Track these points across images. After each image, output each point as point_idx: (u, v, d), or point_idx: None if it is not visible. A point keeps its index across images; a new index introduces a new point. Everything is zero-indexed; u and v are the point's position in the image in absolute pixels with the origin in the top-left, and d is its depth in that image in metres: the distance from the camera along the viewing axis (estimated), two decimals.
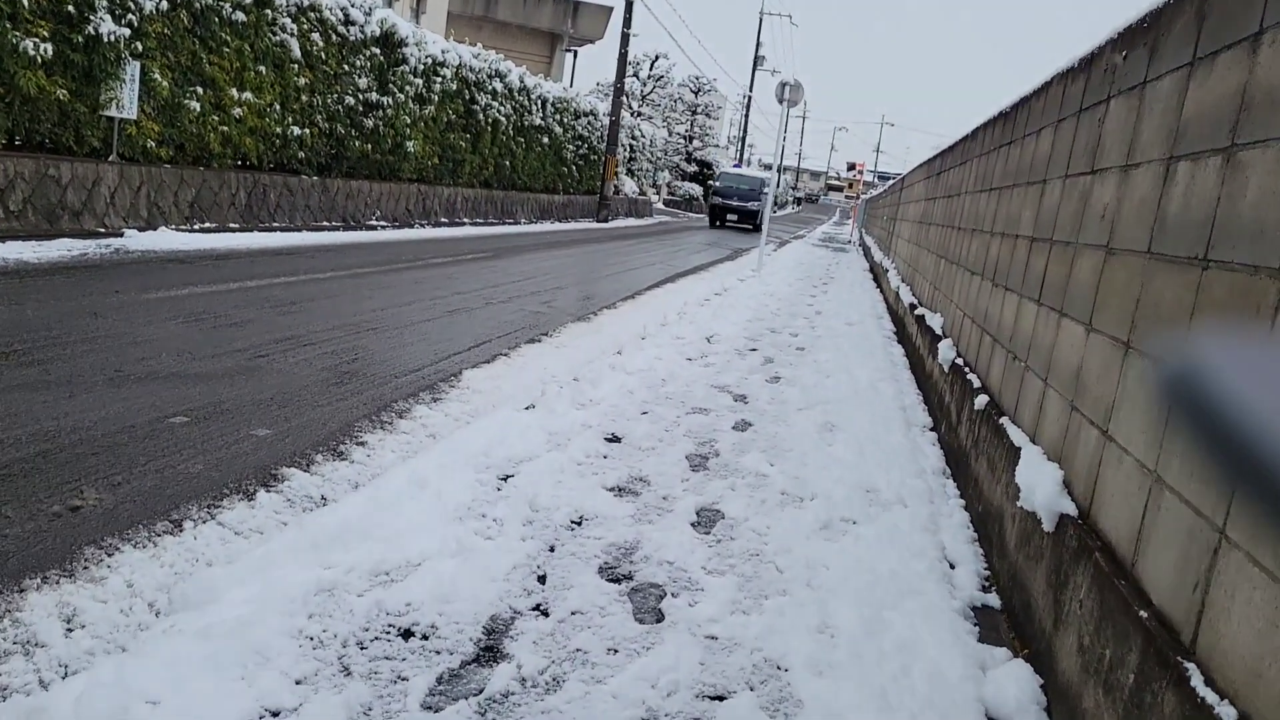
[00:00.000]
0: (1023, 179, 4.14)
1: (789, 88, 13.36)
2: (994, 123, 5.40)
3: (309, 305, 6.86)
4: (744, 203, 30.54)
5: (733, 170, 33.94)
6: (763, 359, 6.77)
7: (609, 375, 5.41)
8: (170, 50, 10.69)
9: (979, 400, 3.90)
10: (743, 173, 33.31)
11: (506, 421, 4.08)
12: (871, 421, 4.99)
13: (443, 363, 5.71)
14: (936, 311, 6.56)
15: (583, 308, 8.82)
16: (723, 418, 4.79)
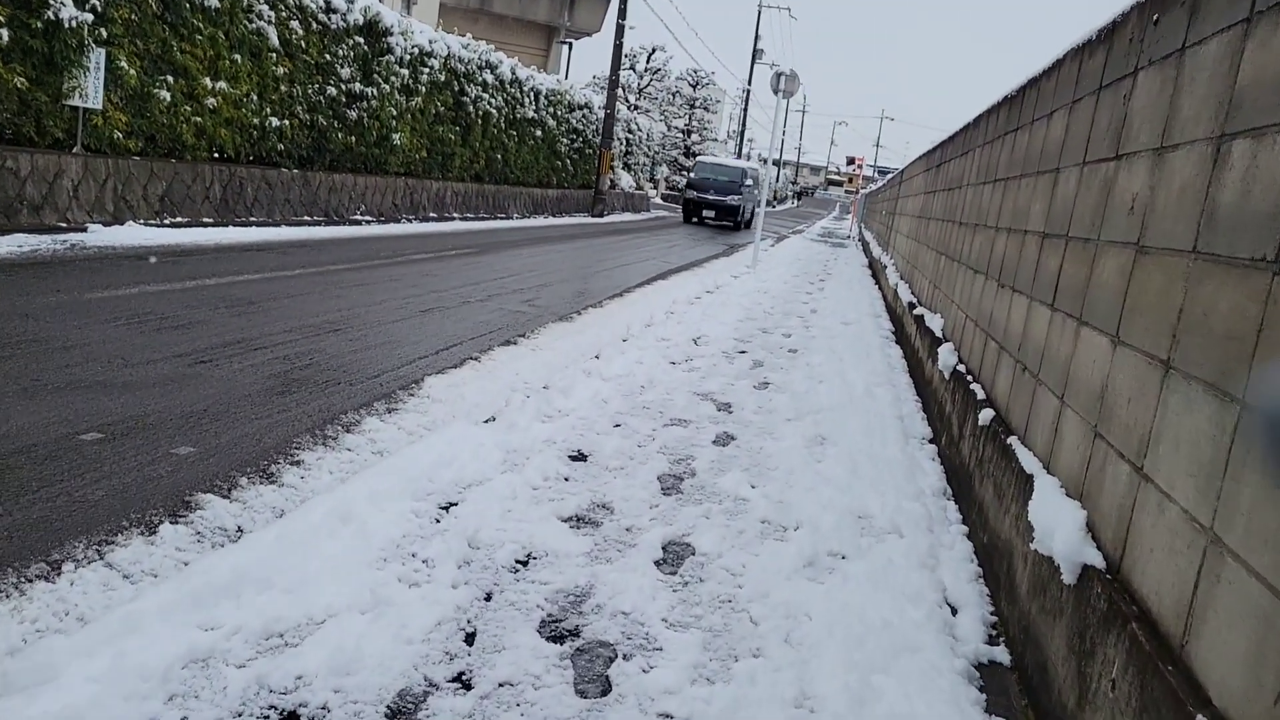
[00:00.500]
0: (1031, 168, 3.74)
1: (785, 78, 12.94)
2: (998, 108, 4.99)
3: (268, 305, 6.46)
4: (722, 197, 26.30)
5: (710, 160, 28.98)
6: (752, 362, 6.36)
7: (583, 382, 5.01)
8: (138, 37, 10.26)
9: (984, 415, 3.49)
10: (722, 162, 28.52)
11: (459, 438, 3.68)
12: (866, 433, 4.59)
13: (405, 368, 5.30)
14: (936, 312, 6.16)
15: (567, 306, 8.42)
16: (703, 430, 4.39)
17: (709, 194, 26.38)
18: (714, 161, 28.57)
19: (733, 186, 26.63)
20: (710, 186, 26.53)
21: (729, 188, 26.55)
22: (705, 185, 26.72)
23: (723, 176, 27.05)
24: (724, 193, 26.31)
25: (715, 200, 26.22)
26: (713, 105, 49.72)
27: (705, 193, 26.45)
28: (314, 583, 2.27)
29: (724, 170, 27.52)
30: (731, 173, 27.43)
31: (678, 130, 46.76)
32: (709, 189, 26.51)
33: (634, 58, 44.09)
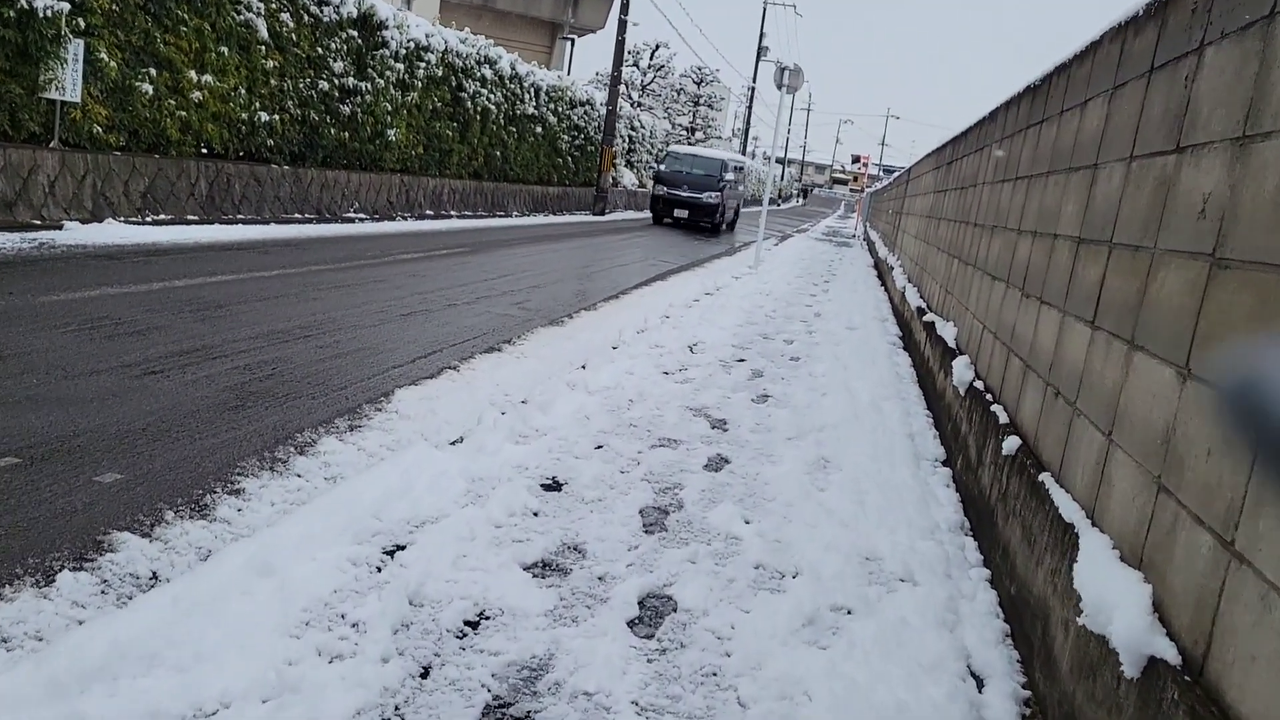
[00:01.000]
0: (1061, 164, 3.33)
1: (788, 73, 12.52)
2: (1019, 100, 4.58)
3: (238, 308, 6.07)
4: (697, 194, 22.20)
5: (683, 149, 24.33)
6: (751, 372, 5.96)
7: (565, 396, 4.62)
8: (119, 28, 9.88)
9: (1008, 443, 3.09)
10: (697, 153, 23.97)
11: (419, 464, 3.29)
12: (874, 455, 4.19)
13: (376, 379, 4.92)
14: (949, 320, 5.75)
15: (558, 309, 8.03)
16: (695, 452, 3.99)
17: (681, 190, 22.37)
18: (688, 151, 24.00)
19: (709, 181, 22.51)
20: (683, 181, 22.45)
21: (705, 183, 22.47)
22: (676, 180, 22.54)
23: (698, 169, 22.87)
24: (699, 189, 22.26)
25: (689, 198, 22.18)
26: (717, 103, 49.30)
27: (676, 188, 22.43)
28: (212, 658, 1.88)
29: (699, 161, 23.22)
30: (708, 164, 23.09)
31: (682, 128, 46.35)
32: (681, 184, 22.42)
33: (637, 54, 43.68)
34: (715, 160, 23.40)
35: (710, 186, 22.46)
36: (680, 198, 22.29)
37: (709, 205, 22.17)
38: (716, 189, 22.42)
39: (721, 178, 22.74)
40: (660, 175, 22.95)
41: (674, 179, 22.68)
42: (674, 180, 22.64)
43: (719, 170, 22.98)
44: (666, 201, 22.46)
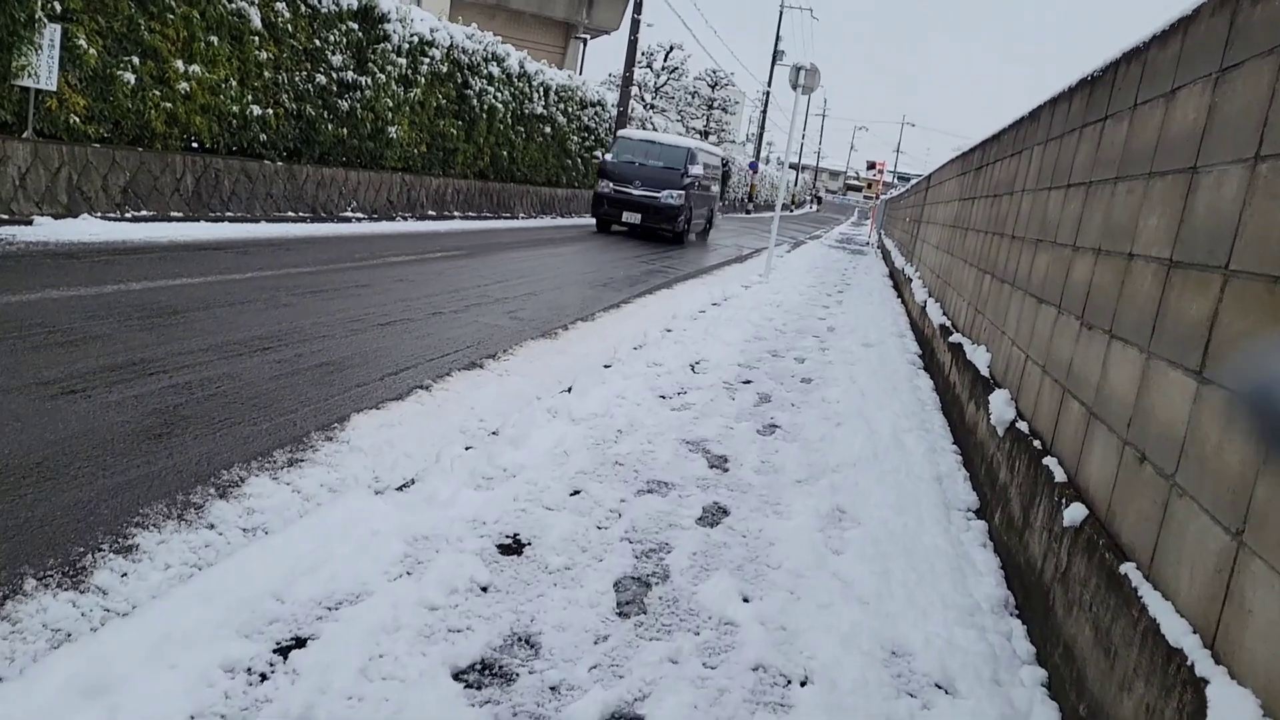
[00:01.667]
0: (1137, 168, 2.74)
1: (804, 72, 11.92)
2: (1071, 95, 3.98)
3: (195, 316, 5.53)
4: (653, 192, 17.30)
5: (638, 135, 18.86)
6: (757, 397, 5.37)
7: (544, 426, 4.04)
8: (100, 14, 9.40)
9: (1071, 512, 2.50)
10: (655, 139, 18.75)
11: (352, 517, 2.72)
12: (897, 504, 3.59)
13: (334, 401, 4.36)
14: (980, 343, 5.15)
15: (553, 320, 7.46)
16: (688, 500, 3.41)
17: (632, 187, 17.34)
18: (643, 137, 18.61)
19: (670, 177, 17.54)
20: (634, 176, 17.44)
21: (664, 178, 17.46)
22: (627, 174, 17.57)
23: (655, 160, 17.80)
24: (656, 185, 17.34)
25: (642, 198, 17.17)
26: (731, 106, 48.70)
27: (626, 185, 17.37)
28: None
29: (658, 150, 18.14)
30: (669, 155, 18.05)
31: (695, 131, 45.78)
32: (632, 179, 17.44)
33: (651, 56, 43.16)
34: (679, 149, 18.22)
35: (671, 183, 17.42)
36: (631, 197, 17.20)
37: (668, 208, 17.15)
38: (679, 186, 17.41)
39: (686, 172, 17.68)
40: (606, 168, 17.62)
41: (624, 173, 17.51)
42: (624, 174, 17.47)
43: (683, 162, 17.83)
44: (613, 202, 17.28)
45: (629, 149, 18.32)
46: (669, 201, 17.37)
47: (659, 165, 17.82)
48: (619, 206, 17.39)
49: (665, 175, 17.61)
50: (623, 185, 17.49)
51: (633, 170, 17.64)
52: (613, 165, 17.82)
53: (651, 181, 17.46)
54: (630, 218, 17.37)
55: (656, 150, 18.30)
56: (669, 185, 17.53)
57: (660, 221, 17.41)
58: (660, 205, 17.33)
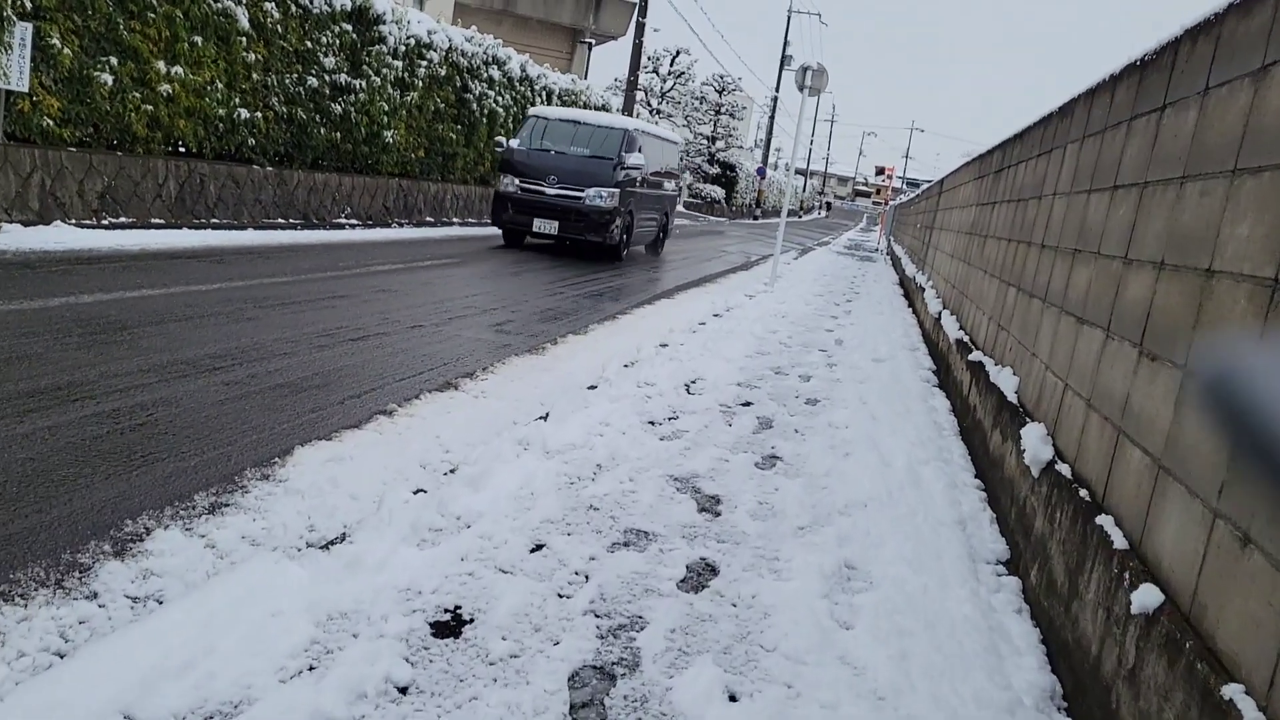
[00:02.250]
0: (1216, 165, 2.24)
1: (811, 73, 11.43)
2: (1113, 85, 3.48)
3: (144, 332, 5.07)
4: (573, 190, 12.83)
5: (554, 113, 13.98)
6: (757, 422, 4.87)
7: (511, 462, 3.55)
8: (75, 12, 9.00)
9: (1141, 596, 1.99)
10: (578, 117, 13.94)
11: (253, 590, 2.23)
12: (916, 558, 3.08)
13: (281, 429, 3.89)
14: (1005, 364, 4.64)
15: (542, 333, 6.99)
16: (670, 555, 2.91)
17: (545, 184, 12.80)
18: (562, 116, 13.78)
19: (599, 170, 12.91)
20: (550, 169, 12.88)
21: (591, 172, 12.87)
22: (539, 166, 12.97)
23: (579, 147, 13.22)
24: (579, 181, 12.77)
25: (559, 199, 12.69)
26: (739, 112, 48.22)
27: (538, 181, 12.83)
28: None
29: (583, 133, 13.42)
30: (600, 139, 13.28)
31: (703, 137, 45.32)
32: (546, 173, 12.84)
33: (657, 60, 42.75)
34: (613, 132, 13.34)
35: (600, 178, 12.75)
36: (544, 198, 12.66)
37: (595, 211, 12.58)
38: (611, 183, 12.74)
39: (622, 163, 12.97)
40: (512, 158, 13.04)
41: (536, 164, 12.91)
42: (535, 167, 12.89)
43: (618, 149, 13.03)
44: (520, 205, 12.72)
45: (543, 131, 13.43)
46: (596, 203, 12.56)
47: (584, 154, 13.11)
48: (527, 211, 12.70)
49: (593, 167, 12.88)
50: (533, 182, 12.76)
51: (548, 161, 12.96)
52: (520, 154, 13.08)
53: (574, 176, 12.76)
54: (544, 226, 12.57)
55: (581, 133, 13.34)
56: (597, 181, 12.70)
57: (585, 230, 12.62)
58: (584, 209, 12.56)
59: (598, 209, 12.75)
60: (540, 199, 12.79)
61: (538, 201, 12.78)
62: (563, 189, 12.81)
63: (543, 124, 13.69)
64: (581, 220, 12.73)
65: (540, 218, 12.75)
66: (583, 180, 12.83)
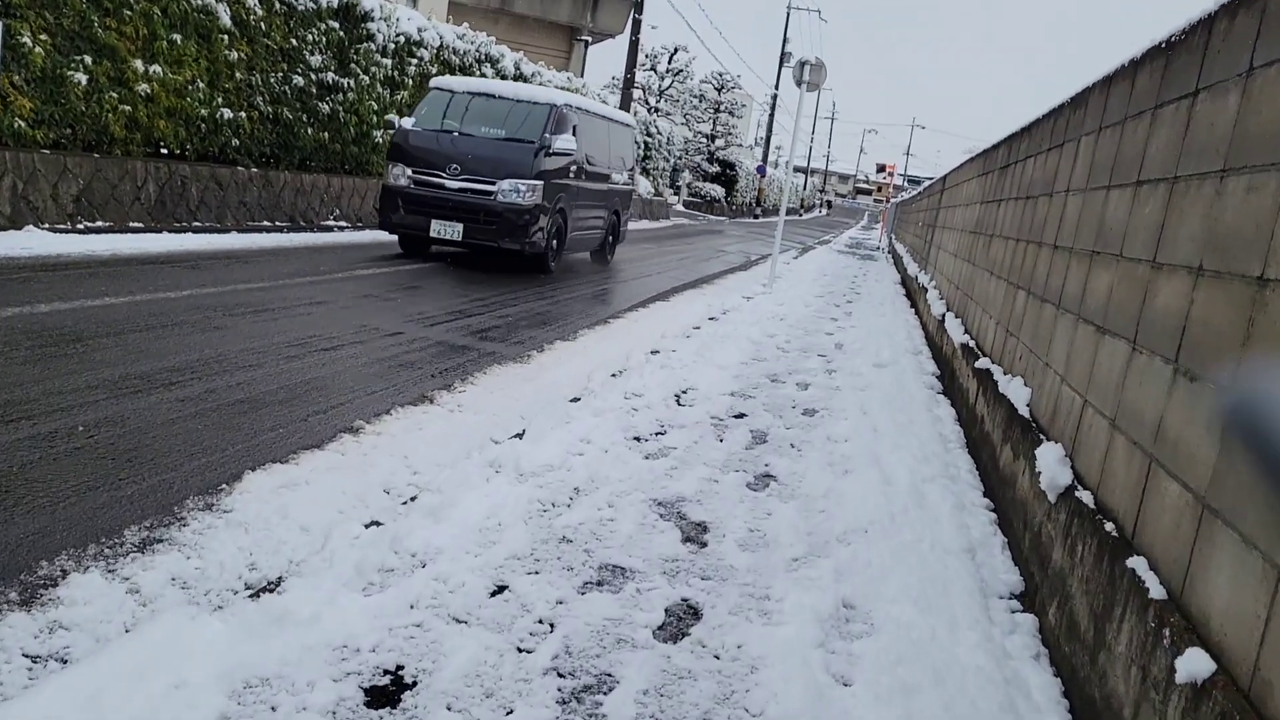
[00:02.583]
0: (1264, 157, 1.94)
1: (809, 67, 11.13)
2: (1133, 70, 3.18)
3: (100, 343, 4.77)
4: (481, 184, 9.92)
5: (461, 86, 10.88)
6: (750, 436, 4.57)
7: (479, 487, 3.26)
8: (47, 9, 8.72)
9: (1188, 662, 1.69)
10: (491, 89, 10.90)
11: (162, 650, 1.94)
12: (921, 597, 2.79)
13: (234, 452, 3.59)
14: (1015, 374, 4.34)
15: (527, 340, 6.69)
16: (648, 596, 2.61)
17: (445, 175, 10.07)
18: (471, 88, 10.95)
19: (516, 157, 10.13)
20: (453, 157, 10.15)
21: (505, 159, 10.10)
22: (438, 154, 10.23)
23: (491, 127, 10.44)
24: (486, 172, 10.02)
25: (461, 193, 9.98)
26: (738, 110, 47.91)
27: (435, 172, 10.11)
28: None
29: (496, 111, 10.56)
30: (516, 119, 10.46)
31: (702, 135, 45.00)
32: (446, 162, 10.13)
33: (655, 58, 42.44)
34: (536, 108, 10.42)
35: (517, 167, 9.94)
36: (443, 194, 9.90)
37: (512, 211, 9.80)
38: (531, 173, 9.96)
39: (548, 147, 10.17)
40: (406, 142, 10.32)
41: (435, 150, 10.15)
42: (434, 153, 10.12)
43: (541, 129, 10.20)
44: (413, 202, 10.00)
45: (446, 107, 10.52)
46: (512, 200, 9.72)
47: (498, 136, 10.15)
48: (422, 210, 9.84)
49: (508, 153, 9.97)
50: (430, 172, 9.91)
51: (449, 145, 10.07)
52: (415, 137, 10.21)
53: (483, 165, 9.89)
54: (444, 230, 9.74)
55: (496, 109, 10.37)
56: (514, 171, 9.84)
57: (498, 235, 9.78)
58: (496, 207, 9.71)
59: (514, 207, 9.81)
60: (439, 195, 9.88)
61: (435, 198, 9.88)
62: (468, 181, 9.90)
63: (445, 98, 10.74)
64: (493, 222, 9.80)
65: (439, 219, 9.82)
66: (495, 170, 9.91)
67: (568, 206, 11.02)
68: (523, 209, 9.96)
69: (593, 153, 11.85)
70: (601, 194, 12.42)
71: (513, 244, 10.00)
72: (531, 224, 10.06)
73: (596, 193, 12.20)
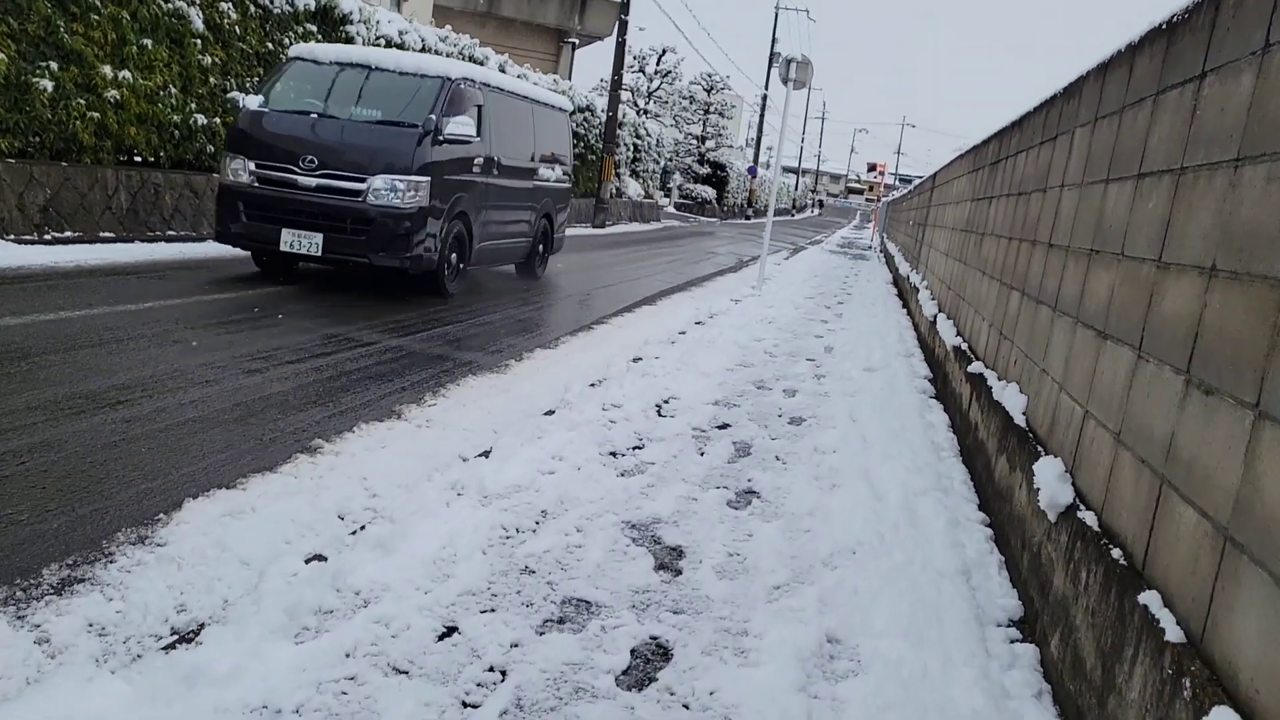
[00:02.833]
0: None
1: (795, 65, 10.94)
2: (1131, 55, 2.96)
3: (44, 361, 4.51)
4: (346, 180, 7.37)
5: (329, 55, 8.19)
6: (733, 449, 4.35)
7: (437, 513, 3.02)
8: (11, 14, 8.46)
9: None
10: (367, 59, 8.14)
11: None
12: (912, 629, 2.56)
13: (177, 478, 3.35)
14: (1009, 379, 4.13)
15: (505, 349, 6.46)
16: (614, 635, 2.38)
17: (299, 170, 7.46)
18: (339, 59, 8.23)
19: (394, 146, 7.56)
20: (306, 147, 7.52)
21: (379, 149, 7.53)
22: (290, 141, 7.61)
23: (364, 109, 7.88)
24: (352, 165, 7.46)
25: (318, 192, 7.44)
26: (728, 111, 47.75)
27: (285, 166, 7.51)
28: None
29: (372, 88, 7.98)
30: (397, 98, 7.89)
31: (692, 137, 44.83)
32: (300, 154, 7.48)
33: (643, 59, 42.27)
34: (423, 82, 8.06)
35: (394, 160, 7.58)
36: (296, 194, 7.51)
37: (388, 216, 7.47)
38: (414, 167, 7.61)
39: (437, 131, 7.77)
40: (247, 128, 7.88)
41: (282, 136, 7.77)
42: (282, 139, 7.74)
43: (430, 109, 7.83)
44: (256, 205, 7.58)
45: (307, 83, 8.12)
46: (386, 202, 7.41)
47: (370, 119, 7.80)
48: (269, 216, 7.47)
49: (383, 141, 7.61)
50: (279, 166, 7.54)
51: (305, 131, 7.65)
52: (264, 122, 7.82)
53: (347, 156, 7.52)
54: (298, 241, 7.38)
55: (372, 85, 8.00)
56: (391, 164, 7.48)
57: (369, 247, 7.43)
58: (366, 212, 7.39)
59: (391, 211, 7.32)
60: (290, 196, 7.36)
61: (286, 200, 7.35)
62: (329, 178, 7.36)
63: (307, 70, 8.09)
64: (362, 231, 7.32)
65: (292, 228, 7.31)
66: (366, 163, 7.38)
67: (472, 209, 8.46)
68: (402, 213, 7.41)
69: (511, 142, 9.36)
70: (525, 194, 9.93)
71: (389, 259, 7.46)
72: (415, 232, 7.49)
73: (517, 192, 9.70)
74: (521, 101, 9.97)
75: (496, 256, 9.83)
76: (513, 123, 9.60)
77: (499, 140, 9.10)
